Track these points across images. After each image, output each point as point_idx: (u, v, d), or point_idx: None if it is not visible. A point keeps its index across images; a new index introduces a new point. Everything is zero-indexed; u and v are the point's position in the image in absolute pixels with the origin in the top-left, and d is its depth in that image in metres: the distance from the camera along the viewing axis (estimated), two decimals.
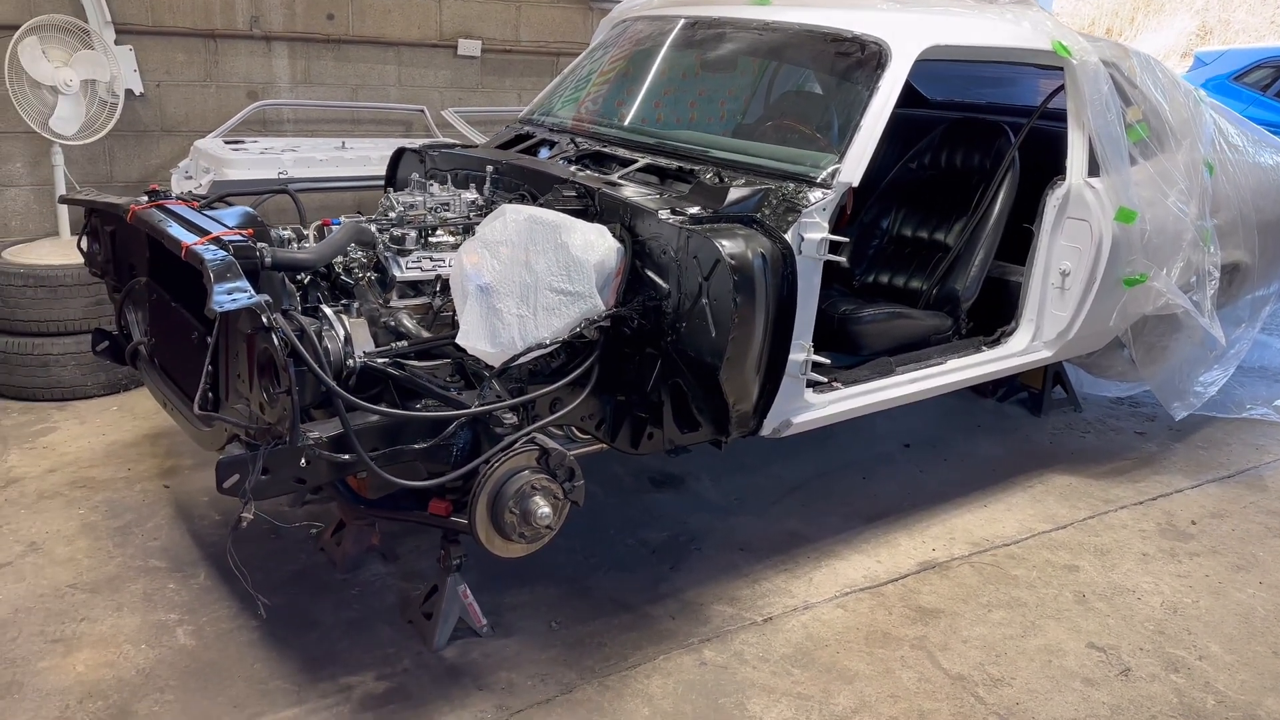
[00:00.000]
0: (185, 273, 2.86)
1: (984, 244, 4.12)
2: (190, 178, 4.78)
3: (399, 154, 4.40)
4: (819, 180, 3.30)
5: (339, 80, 5.95)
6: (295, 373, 2.35)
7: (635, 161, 3.70)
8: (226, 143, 4.92)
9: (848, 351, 3.83)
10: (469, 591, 3.16)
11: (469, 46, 6.27)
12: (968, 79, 5.64)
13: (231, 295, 2.36)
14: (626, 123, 4.11)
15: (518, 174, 3.72)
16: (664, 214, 3.10)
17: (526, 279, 2.94)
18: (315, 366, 2.47)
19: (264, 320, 2.35)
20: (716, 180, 3.37)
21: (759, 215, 3.21)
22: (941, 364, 3.94)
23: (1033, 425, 5.18)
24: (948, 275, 4.17)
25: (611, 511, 4.00)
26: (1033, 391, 5.35)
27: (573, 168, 3.77)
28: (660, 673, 3.04)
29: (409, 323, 3.14)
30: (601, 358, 3.11)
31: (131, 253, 3.38)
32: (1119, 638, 3.35)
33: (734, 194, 3.25)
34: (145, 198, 3.20)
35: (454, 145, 4.39)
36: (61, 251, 4.87)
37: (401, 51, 6.12)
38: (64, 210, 5.06)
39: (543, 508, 2.79)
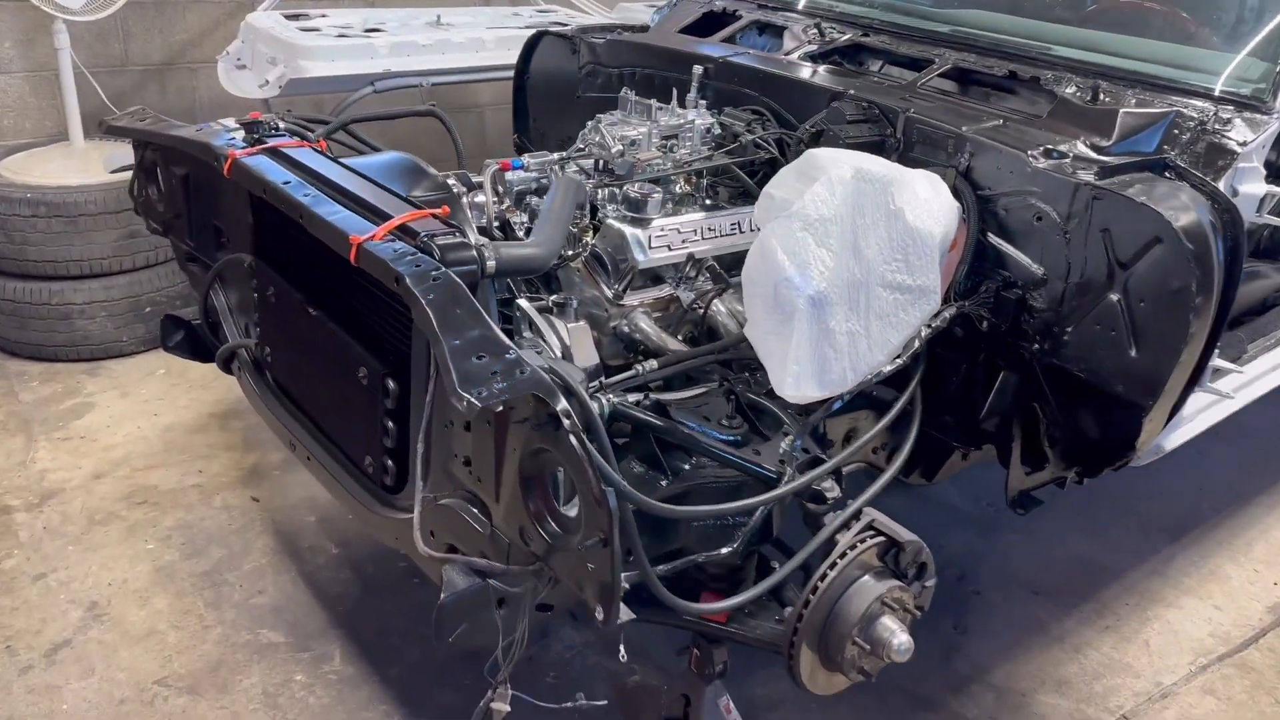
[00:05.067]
0: (320, 252, 1.79)
1: None
2: (243, 66, 3.58)
3: (536, 39, 3.23)
4: (1249, 98, 2.21)
5: None
6: (611, 508, 1.32)
7: (921, 61, 2.57)
8: (286, 17, 3.69)
9: None
10: (733, 705, 2.23)
11: None
12: None
13: (490, 369, 1.32)
14: None
15: (745, 79, 2.59)
16: (1035, 156, 2.04)
17: (856, 273, 1.89)
18: (624, 486, 1.46)
19: (564, 423, 1.31)
20: (1089, 98, 2.27)
21: (1168, 155, 2.14)
22: None
23: None
24: None
25: None
26: None
27: (820, 68, 2.65)
28: None
29: (647, 326, 2.10)
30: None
31: (218, 209, 2.29)
32: None
33: (1127, 120, 2.16)
34: (241, 133, 2.09)
35: (616, 27, 3.22)
36: (78, 165, 3.72)
37: None
38: (73, 105, 3.87)
39: (899, 635, 1.82)
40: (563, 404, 1.31)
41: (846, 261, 1.85)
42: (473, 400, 1.27)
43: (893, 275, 1.93)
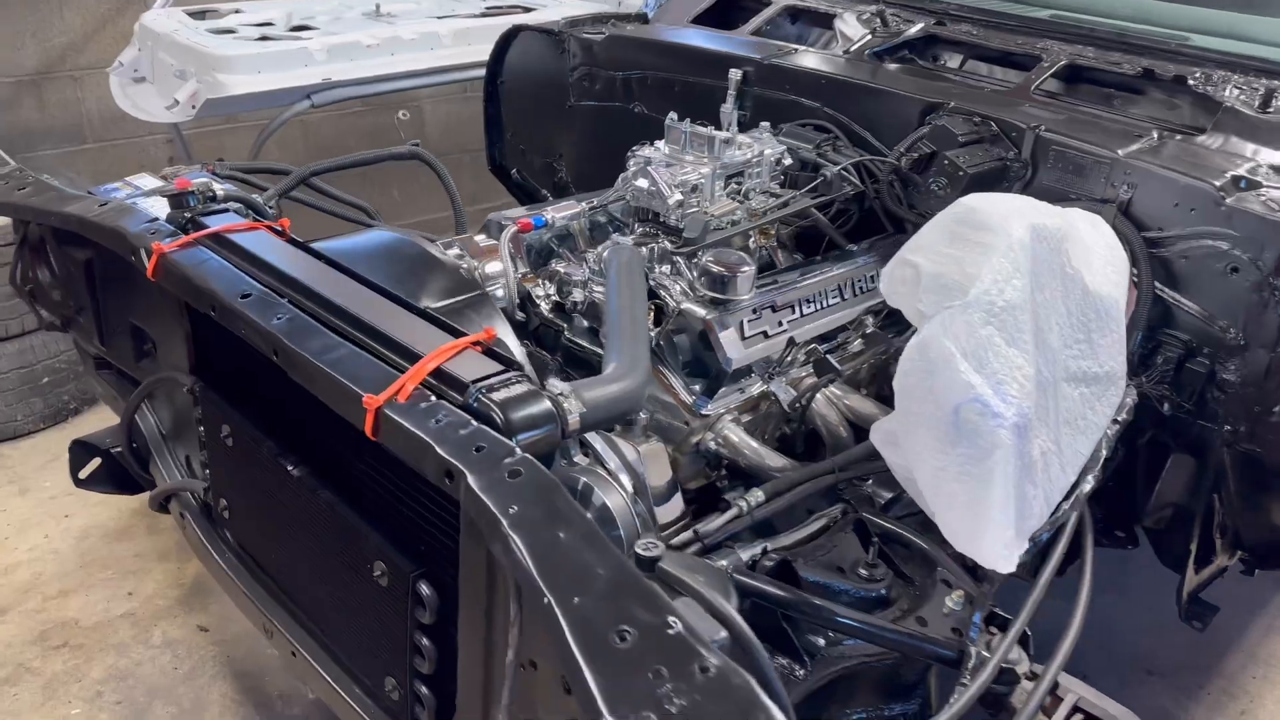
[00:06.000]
0: (299, 390, 1.23)
1: None
2: (142, 78, 2.92)
3: (511, 36, 2.65)
4: None
5: None
6: None
7: (1020, 57, 2.08)
8: (191, 15, 3.02)
9: None
10: None
11: None
12: None
13: (648, 661, 0.80)
14: None
15: (802, 86, 2.07)
16: (1223, 186, 1.59)
17: (1043, 371, 1.40)
18: None
19: None
20: (1259, 103, 1.80)
21: None
22: None
23: None
24: None
25: None
26: None
27: (893, 69, 2.15)
28: None
29: (738, 439, 1.59)
30: None
31: (138, 307, 1.68)
32: None
33: None
34: (166, 210, 1.50)
35: (608, 18, 2.64)
36: None
37: None
38: None
39: None
40: None
41: (1035, 359, 1.36)
42: None
43: (1077, 363, 1.46)
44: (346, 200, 1.88)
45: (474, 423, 1.05)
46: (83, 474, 1.86)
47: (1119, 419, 1.54)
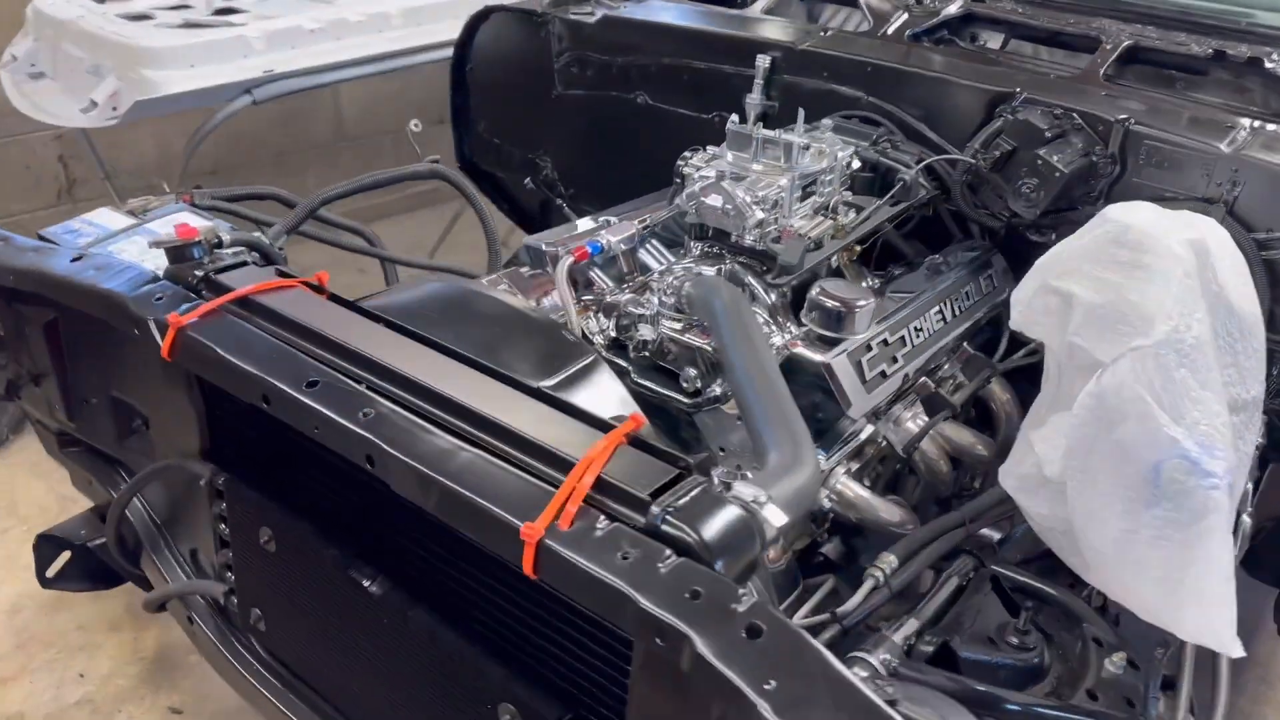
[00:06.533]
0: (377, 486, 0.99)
1: None
2: (41, 74, 2.50)
3: (483, 16, 2.36)
4: None
5: None
6: None
7: (1070, 38, 1.92)
8: None
9: None
10: None
11: None
12: None
13: None
14: None
15: (843, 74, 1.87)
16: None
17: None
18: None
19: None
20: None
21: None
22: None
23: None
24: None
25: None
26: None
27: (936, 50, 1.97)
28: None
29: (854, 495, 1.41)
30: None
31: (122, 377, 1.38)
32: None
33: None
34: (166, 263, 1.21)
35: None
36: None
37: None
38: None
39: None
40: None
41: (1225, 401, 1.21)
42: None
43: (1229, 390, 1.31)
44: (344, 225, 1.61)
45: (671, 554, 0.83)
46: (50, 572, 1.54)
47: (1258, 444, 1.42)
